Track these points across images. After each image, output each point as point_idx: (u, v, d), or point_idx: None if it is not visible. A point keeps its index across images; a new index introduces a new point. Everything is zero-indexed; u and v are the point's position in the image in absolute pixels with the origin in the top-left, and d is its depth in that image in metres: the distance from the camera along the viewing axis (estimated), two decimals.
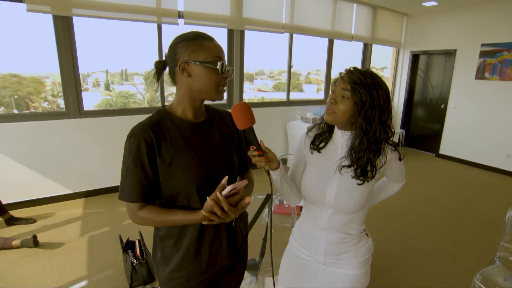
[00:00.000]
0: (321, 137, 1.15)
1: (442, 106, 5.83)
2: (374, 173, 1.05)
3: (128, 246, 2.35)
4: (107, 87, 5.11)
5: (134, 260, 2.15)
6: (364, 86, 0.99)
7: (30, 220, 2.99)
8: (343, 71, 1.06)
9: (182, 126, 0.97)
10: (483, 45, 5.08)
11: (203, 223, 0.91)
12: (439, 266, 2.53)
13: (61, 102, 4.16)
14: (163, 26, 3.74)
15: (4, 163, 3.12)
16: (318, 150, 1.14)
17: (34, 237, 2.55)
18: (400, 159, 1.11)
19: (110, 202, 3.50)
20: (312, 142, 1.15)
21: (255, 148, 0.96)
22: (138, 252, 2.27)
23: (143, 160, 0.91)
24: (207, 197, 0.87)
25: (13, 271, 2.28)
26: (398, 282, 2.32)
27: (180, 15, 3.75)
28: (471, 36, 5.22)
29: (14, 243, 2.52)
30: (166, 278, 1.04)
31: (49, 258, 2.45)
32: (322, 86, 5.85)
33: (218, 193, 0.85)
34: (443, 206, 3.76)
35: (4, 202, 2.96)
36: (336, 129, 1.13)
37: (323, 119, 1.12)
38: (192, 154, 0.96)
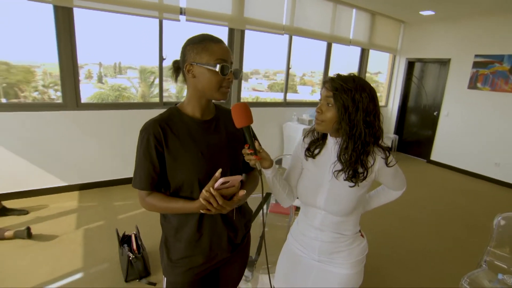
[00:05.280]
0: (315, 144, 1.19)
1: (435, 113, 5.96)
2: (365, 175, 1.08)
3: (124, 240, 2.35)
4: (100, 80, 5.04)
5: (131, 254, 2.16)
6: (345, 91, 1.02)
7: (22, 212, 2.96)
8: (326, 79, 1.09)
9: (189, 123, 1.04)
10: (476, 56, 5.22)
11: (201, 211, 0.95)
12: (427, 268, 2.61)
13: (52, 93, 4.09)
14: (164, 22, 3.74)
15: None
16: (313, 156, 1.18)
17: (28, 228, 2.53)
18: (386, 165, 1.11)
19: (105, 196, 3.48)
20: (308, 149, 1.19)
21: (248, 146, 1.00)
22: (134, 246, 2.27)
23: (152, 153, 0.98)
24: (203, 189, 0.92)
25: (6, 262, 2.26)
26: (386, 282, 2.38)
27: (182, 11, 3.75)
28: (466, 47, 5.36)
29: (7, 234, 2.50)
30: (168, 266, 1.10)
31: (42, 250, 2.43)
32: (317, 88, 5.91)
33: (210, 187, 0.90)
34: (432, 210, 3.86)
35: None
36: (328, 135, 1.16)
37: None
38: (197, 149, 1.02)
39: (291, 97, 5.58)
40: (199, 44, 0.97)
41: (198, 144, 1.02)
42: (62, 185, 3.50)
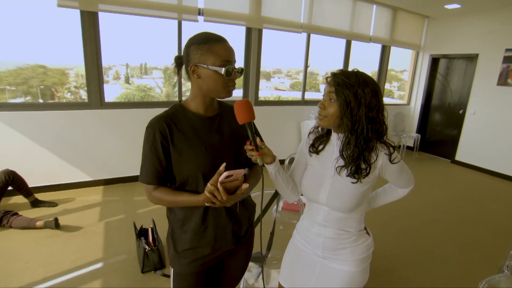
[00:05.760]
0: (319, 140, 1.20)
1: (460, 112, 5.70)
2: (368, 171, 1.07)
3: (141, 233, 2.47)
4: (127, 80, 5.26)
5: (147, 247, 2.27)
6: (347, 86, 1.02)
7: (52, 204, 3.18)
8: (329, 75, 1.09)
9: (194, 120, 1.07)
10: (507, 50, 4.94)
11: (206, 204, 0.99)
12: (445, 271, 2.53)
13: (83, 94, 4.34)
14: (183, 23, 3.85)
15: (32, 149, 3.32)
16: (317, 152, 1.19)
17: (56, 219, 2.72)
18: (390, 161, 1.10)
19: (127, 191, 3.65)
20: (312, 145, 1.20)
21: (250, 142, 1.03)
22: (150, 239, 2.38)
23: (158, 149, 1.02)
24: (208, 183, 0.96)
25: (37, 249, 2.45)
26: (402, 284, 2.33)
27: (200, 12, 3.84)
28: (495, 41, 5.08)
29: (38, 223, 2.70)
30: (174, 257, 1.15)
31: (68, 240, 2.61)
32: None
33: (215, 180, 0.94)
34: (455, 212, 3.72)
35: (30, 186, 3.15)
36: (332, 131, 1.16)
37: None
38: (201, 145, 1.05)
39: (314, 95, 5.55)
40: (204, 45, 0.98)
41: (202, 140, 1.06)
42: (88, 180, 3.71)
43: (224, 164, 0.96)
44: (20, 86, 3.78)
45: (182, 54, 1.06)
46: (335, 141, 1.15)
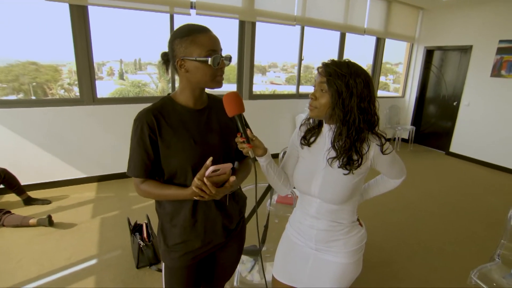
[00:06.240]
0: (311, 132, 1.19)
1: (454, 103, 5.73)
2: (360, 162, 1.06)
3: (136, 229, 2.46)
4: (121, 76, 5.19)
5: (141, 242, 2.26)
6: (339, 76, 1.01)
7: (45, 201, 3.15)
8: (320, 65, 1.08)
9: (182, 112, 1.06)
10: (501, 41, 4.95)
11: (195, 198, 0.98)
12: (440, 263, 2.55)
13: (76, 90, 4.30)
14: (175, 17, 3.80)
15: (23, 146, 3.28)
16: (309, 144, 1.18)
17: (49, 217, 2.70)
18: (382, 152, 1.09)
19: (121, 187, 3.64)
20: (304, 137, 1.19)
21: (240, 134, 1.02)
22: (145, 234, 2.37)
23: (145, 141, 1.01)
24: (195, 177, 0.94)
25: (30, 247, 2.43)
26: (397, 276, 2.35)
27: (192, 5, 3.79)
28: (489, 32, 5.08)
29: (31, 221, 2.68)
30: (165, 251, 1.14)
31: (62, 237, 2.59)
32: None
33: (202, 175, 0.93)
34: (450, 204, 3.75)
35: (22, 183, 3.11)
36: (324, 123, 1.15)
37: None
38: (190, 137, 1.04)
39: (310, 89, 5.53)
40: (187, 38, 0.96)
41: (190, 133, 1.05)
42: (82, 177, 3.68)
43: (210, 159, 0.94)
44: (11, 83, 3.71)
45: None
46: (327, 132, 1.14)
